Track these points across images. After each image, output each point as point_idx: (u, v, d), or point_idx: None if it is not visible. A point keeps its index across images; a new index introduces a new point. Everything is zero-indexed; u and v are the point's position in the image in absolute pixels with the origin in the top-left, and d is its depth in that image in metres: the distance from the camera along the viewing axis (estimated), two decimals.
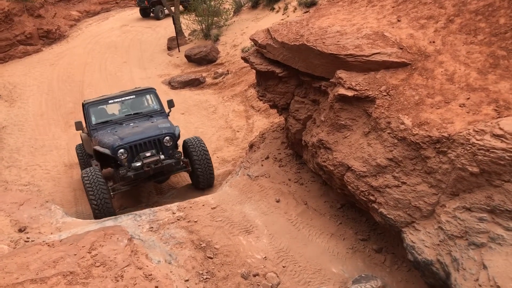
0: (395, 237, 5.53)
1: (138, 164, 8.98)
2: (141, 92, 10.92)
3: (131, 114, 10.50)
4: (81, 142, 11.88)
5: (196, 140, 10.01)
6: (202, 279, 5.95)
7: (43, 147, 13.60)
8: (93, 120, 10.26)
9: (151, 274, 3.28)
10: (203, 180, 9.90)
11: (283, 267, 6.04)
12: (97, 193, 8.68)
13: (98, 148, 9.47)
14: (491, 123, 4.68)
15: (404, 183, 5.29)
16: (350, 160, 5.97)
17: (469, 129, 4.79)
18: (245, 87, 16.01)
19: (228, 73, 17.94)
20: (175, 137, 9.55)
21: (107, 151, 9.13)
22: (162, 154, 9.29)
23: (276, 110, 8.58)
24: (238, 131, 13.67)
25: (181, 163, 9.75)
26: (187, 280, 5.94)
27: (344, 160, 6.06)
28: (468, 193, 4.73)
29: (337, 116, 6.37)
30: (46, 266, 3.33)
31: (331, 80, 6.55)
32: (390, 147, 5.48)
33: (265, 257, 6.24)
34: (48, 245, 3.57)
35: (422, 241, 5.04)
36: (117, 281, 3.21)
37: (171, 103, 10.90)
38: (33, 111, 16.22)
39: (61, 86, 18.49)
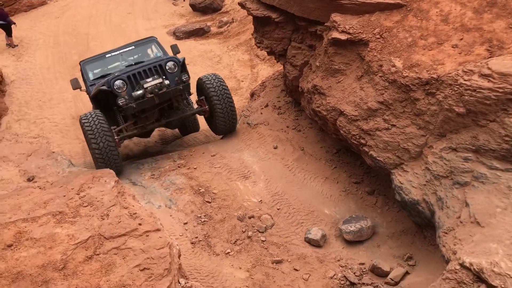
0: (386, 179, 5.63)
1: (140, 91, 7.56)
2: (141, 43, 9.57)
3: (132, 64, 8.89)
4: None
5: (213, 77, 8.37)
6: (200, 222, 6.19)
7: (50, 100, 13.76)
8: (91, 76, 9.04)
9: (135, 213, 3.45)
10: (224, 123, 8.25)
11: (278, 209, 6.23)
12: (100, 139, 7.35)
13: (94, 89, 8.30)
14: (481, 63, 4.63)
15: (393, 125, 5.32)
16: (342, 105, 5.99)
17: (458, 70, 4.76)
18: (249, 35, 15.73)
19: (233, 22, 17.64)
20: (179, 62, 8.01)
21: (103, 87, 7.79)
22: (168, 81, 7.83)
23: (274, 56, 8.51)
24: (242, 81, 13.61)
25: (190, 89, 8.31)
26: (186, 223, 6.20)
27: (336, 105, 6.08)
28: (454, 134, 4.76)
29: (331, 60, 6.33)
30: (37, 206, 3.53)
31: (326, 24, 6.47)
32: (381, 90, 5.47)
33: (261, 200, 6.42)
34: (40, 188, 3.77)
35: (409, 181, 5.14)
36: (103, 219, 3.39)
37: (175, 48, 9.39)
38: (40, 64, 16.27)
39: (67, 39, 18.43)
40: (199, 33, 17.51)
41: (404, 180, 5.18)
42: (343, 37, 6.04)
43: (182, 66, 8.11)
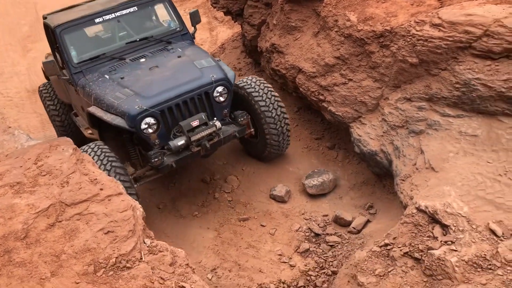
0: (346, 134, 5.76)
1: (181, 142, 5.14)
2: (146, 2, 6.31)
3: (135, 41, 6.08)
4: (46, 82, 7.91)
5: (257, 82, 5.94)
6: (166, 187, 6.21)
7: (2, 74, 13.20)
8: (75, 56, 5.89)
9: (96, 179, 3.43)
10: (278, 149, 6.06)
11: (242, 169, 6.31)
12: None
13: (99, 113, 5.33)
14: (432, 13, 4.72)
15: (350, 80, 5.41)
16: (301, 62, 6.02)
17: (410, 21, 4.84)
18: None
19: None
20: (231, 85, 5.49)
21: (120, 121, 5.06)
22: (214, 117, 5.43)
23: (231, 17, 8.40)
24: (201, 44, 13.38)
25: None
26: (151, 189, 6.20)
27: (295, 62, 6.11)
28: (408, 84, 4.89)
29: (288, 18, 6.31)
30: None
31: None
32: (338, 45, 5.52)
33: (226, 162, 6.48)
34: None
35: (367, 133, 5.28)
36: (63, 187, 3.36)
37: (196, 16, 6.40)
38: None
39: (15, 9, 17.57)
40: None
41: (362, 132, 5.32)
42: None
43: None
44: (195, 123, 5.20)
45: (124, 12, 6.14)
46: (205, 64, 5.56)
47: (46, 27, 6.38)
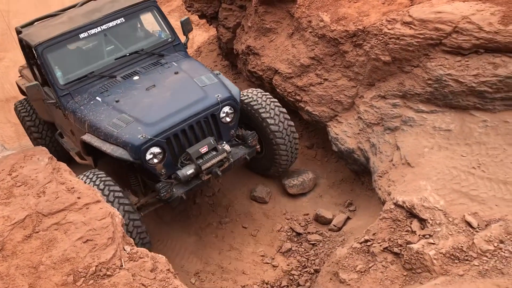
0: (324, 132, 5.81)
1: (191, 171, 4.73)
2: (131, 10, 5.72)
3: (125, 56, 5.56)
4: (23, 99, 7.34)
5: (263, 98, 5.54)
6: None
7: None
8: (60, 77, 5.35)
9: (73, 187, 3.39)
10: (285, 164, 5.69)
11: None
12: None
13: (97, 143, 4.80)
14: (402, 11, 4.81)
15: (326, 79, 5.46)
16: (276, 63, 6.05)
17: (382, 20, 4.91)
18: (181, 1, 15.38)
19: None
20: (237, 104, 5.10)
21: (123, 153, 4.59)
22: (221, 139, 5.08)
23: (206, 20, 8.39)
24: None
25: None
26: None
27: (271, 64, 6.14)
28: (382, 82, 4.96)
29: (262, 20, 6.34)
30: None
31: None
32: (312, 46, 5.57)
33: None
34: None
35: (344, 132, 5.34)
36: (39, 197, 3.31)
37: (187, 24, 5.96)
38: None
39: None
40: None
41: (339, 131, 5.38)
42: None
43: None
44: (204, 149, 4.77)
45: (110, 24, 5.57)
46: (207, 82, 5.13)
47: (22, 42, 5.75)
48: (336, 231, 5.26)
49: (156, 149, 4.60)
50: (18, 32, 5.86)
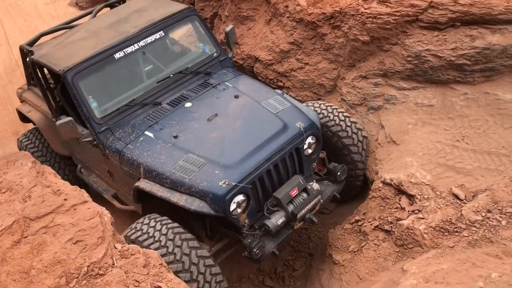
0: None
1: (282, 219, 3.92)
2: (170, 21, 4.83)
3: (168, 78, 4.69)
4: (28, 132, 6.05)
5: (339, 115, 4.67)
6: None
7: None
8: (97, 109, 4.44)
9: (59, 190, 3.35)
10: (356, 185, 4.90)
11: None
12: (203, 279, 3.58)
13: (161, 193, 3.91)
14: None
15: (306, 64, 5.46)
16: (256, 51, 6.03)
17: (358, 0, 4.91)
18: None
19: None
20: (320, 133, 4.29)
21: (201, 205, 3.73)
22: (303, 175, 4.25)
23: None
24: None
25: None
26: None
27: (251, 52, 6.11)
28: (363, 62, 4.97)
29: (239, 8, 6.29)
30: None
31: None
32: (290, 30, 5.55)
33: None
34: None
35: None
36: (25, 201, 3.27)
37: (233, 34, 5.10)
38: None
39: None
40: None
41: None
42: None
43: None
44: (294, 192, 3.95)
45: (149, 40, 4.64)
46: (279, 107, 4.31)
47: (36, 65, 4.75)
48: (327, 214, 5.28)
49: (240, 197, 3.78)
50: (28, 52, 4.89)
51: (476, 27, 4.19)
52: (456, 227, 3.54)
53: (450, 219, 3.60)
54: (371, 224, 4.04)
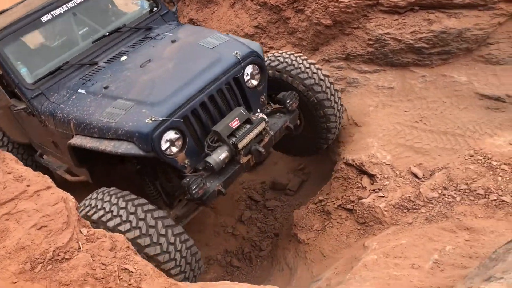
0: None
1: (224, 154, 3.57)
2: None
3: (104, 37, 4.44)
4: None
5: (295, 58, 4.37)
6: None
7: None
8: (26, 74, 4.24)
9: (21, 176, 3.29)
10: (333, 137, 4.60)
11: None
12: (165, 241, 3.35)
13: (91, 144, 3.65)
14: None
15: (271, 47, 5.50)
16: None
17: None
18: None
19: None
20: (263, 60, 3.99)
21: (128, 147, 3.46)
22: (251, 110, 3.94)
23: None
24: None
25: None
26: None
27: None
28: (325, 46, 5.05)
29: None
30: None
31: None
32: (255, 14, 5.57)
33: None
34: None
35: None
36: None
37: None
38: None
39: None
40: None
41: None
42: None
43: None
44: (234, 123, 3.59)
45: (78, 0, 4.40)
46: (216, 42, 4.01)
47: None
48: (292, 195, 5.40)
49: (172, 134, 3.48)
50: None
51: (433, 11, 4.32)
52: (414, 204, 3.69)
53: (409, 196, 3.75)
54: (334, 204, 4.17)
